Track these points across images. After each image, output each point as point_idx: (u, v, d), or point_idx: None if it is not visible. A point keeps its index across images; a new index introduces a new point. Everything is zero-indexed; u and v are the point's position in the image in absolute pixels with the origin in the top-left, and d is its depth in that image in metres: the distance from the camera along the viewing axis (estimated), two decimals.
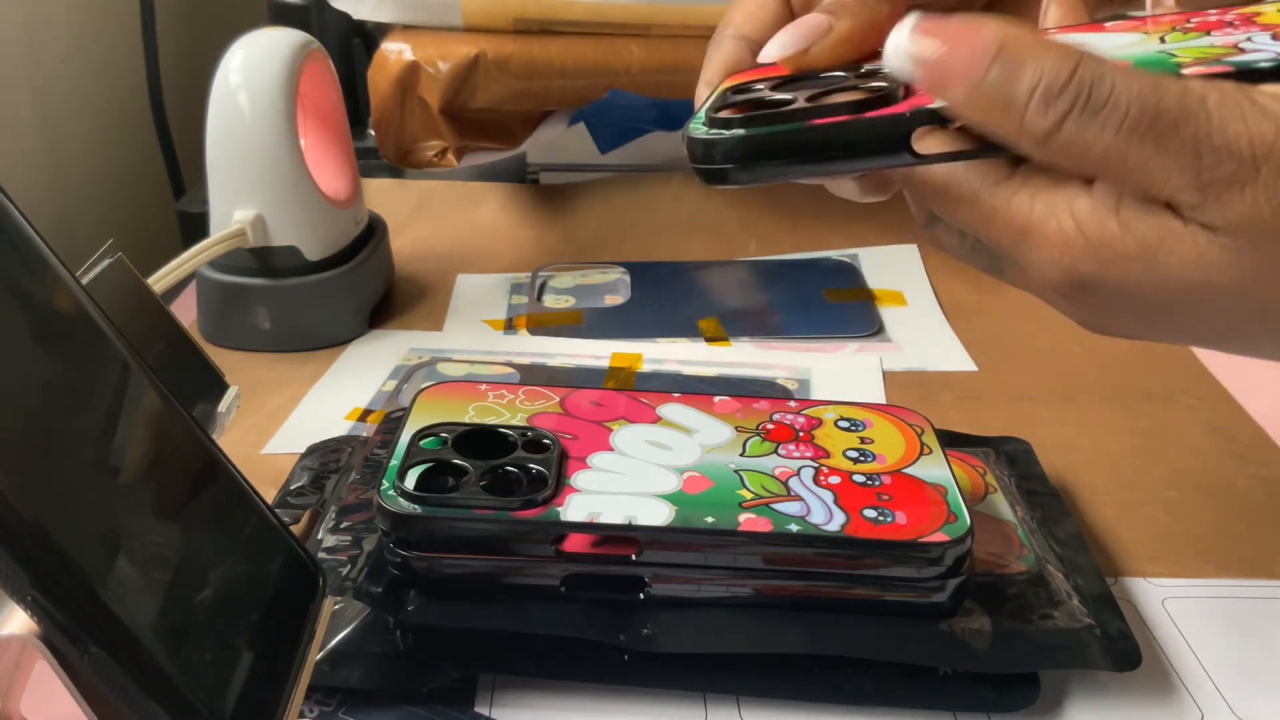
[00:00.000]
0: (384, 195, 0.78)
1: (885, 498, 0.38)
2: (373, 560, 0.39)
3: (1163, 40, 0.35)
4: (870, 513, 0.38)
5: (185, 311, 0.63)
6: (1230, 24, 0.35)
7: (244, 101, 0.57)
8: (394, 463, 0.39)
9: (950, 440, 0.45)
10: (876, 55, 0.31)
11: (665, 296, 0.67)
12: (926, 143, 0.29)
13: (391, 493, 0.38)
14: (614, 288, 0.68)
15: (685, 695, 0.38)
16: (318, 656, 0.34)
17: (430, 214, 0.78)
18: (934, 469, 0.40)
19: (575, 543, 0.37)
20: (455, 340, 0.62)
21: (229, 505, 0.30)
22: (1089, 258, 0.29)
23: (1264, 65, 0.30)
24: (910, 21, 0.28)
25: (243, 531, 0.30)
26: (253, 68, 0.58)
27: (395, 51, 0.69)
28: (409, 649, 0.37)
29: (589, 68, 0.70)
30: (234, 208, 0.58)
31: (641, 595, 0.38)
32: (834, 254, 0.72)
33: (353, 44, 0.85)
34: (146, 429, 0.28)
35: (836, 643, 0.37)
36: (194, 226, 0.69)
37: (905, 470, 0.40)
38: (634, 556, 0.37)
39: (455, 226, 0.77)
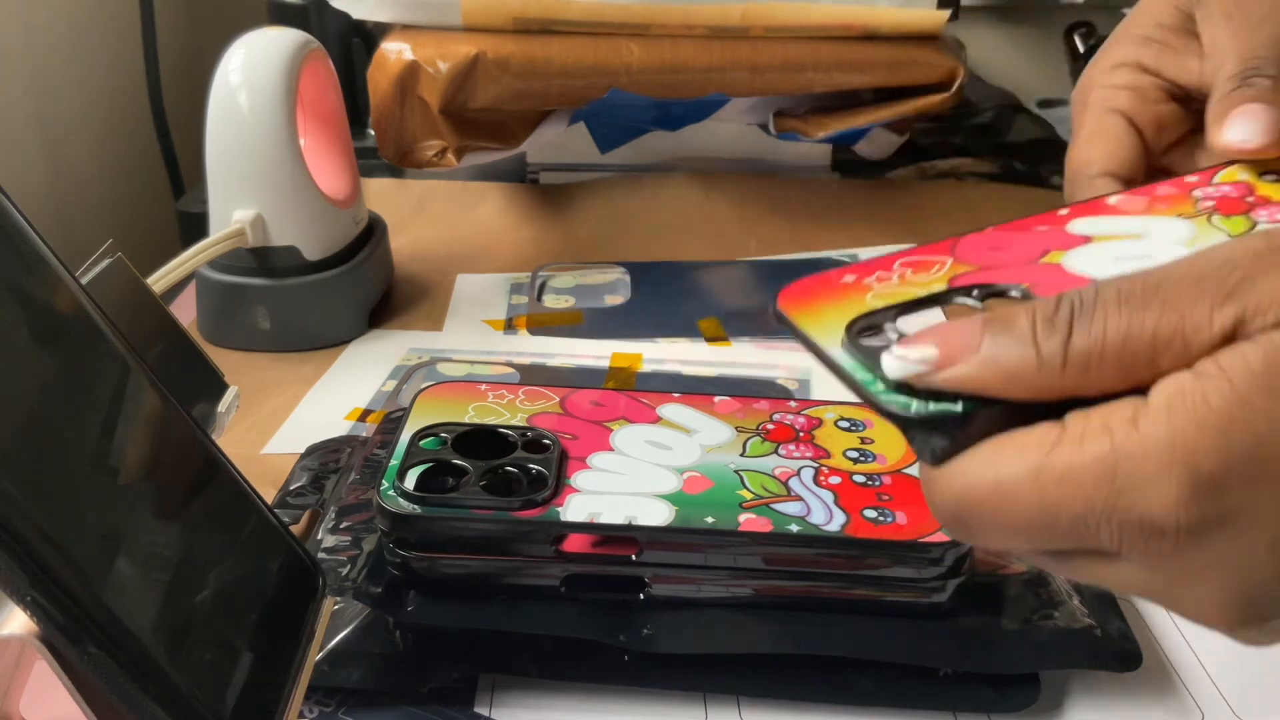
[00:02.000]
0: (384, 195, 0.78)
1: (885, 498, 0.38)
2: (372, 560, 0.39)
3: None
4: (870, 513, 0.38)
5: (185, 311, 0.62)
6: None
7: (244, 101, 0.57)
8: (394, 463, 0.39)
9: None
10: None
11: (665, 296, 0.67)
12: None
13: (391, 493, 0.37)
14: (614, 288, 0.68)
15: (685, 695, 0.38)
16: (318, 656, 0.34)
17: (430, 214, 0.78)
18: None
19: (575, 543, 0.37)
20: (455, 340, 0.62)
21: (229, 505, 0.30)
22: (1204, 436, 0.23)
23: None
24: (892, 341, 0.27)
25: (242, 532, 0.30)
26: (253, 68, 0.58)
27: (395, 51, 0.69)
28: (409, 649, 0.37)
29: (589, 68, 0.70)
30: (234, 208, 0.58)
31: (641, 595, 0.38)
32: (834, 254, 0.72)
33: (353, 44, 0.85)
34: (146, 429, 0.28)
35: (837, 643, 0.37)
36: (194, 226, 0.69)
37: (905, 470, 0.40)
38: (634, 557, 0.37)
39: (455, 226, 0.77)
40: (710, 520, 0.37)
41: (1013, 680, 0.37)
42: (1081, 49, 1.27)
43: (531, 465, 0.39)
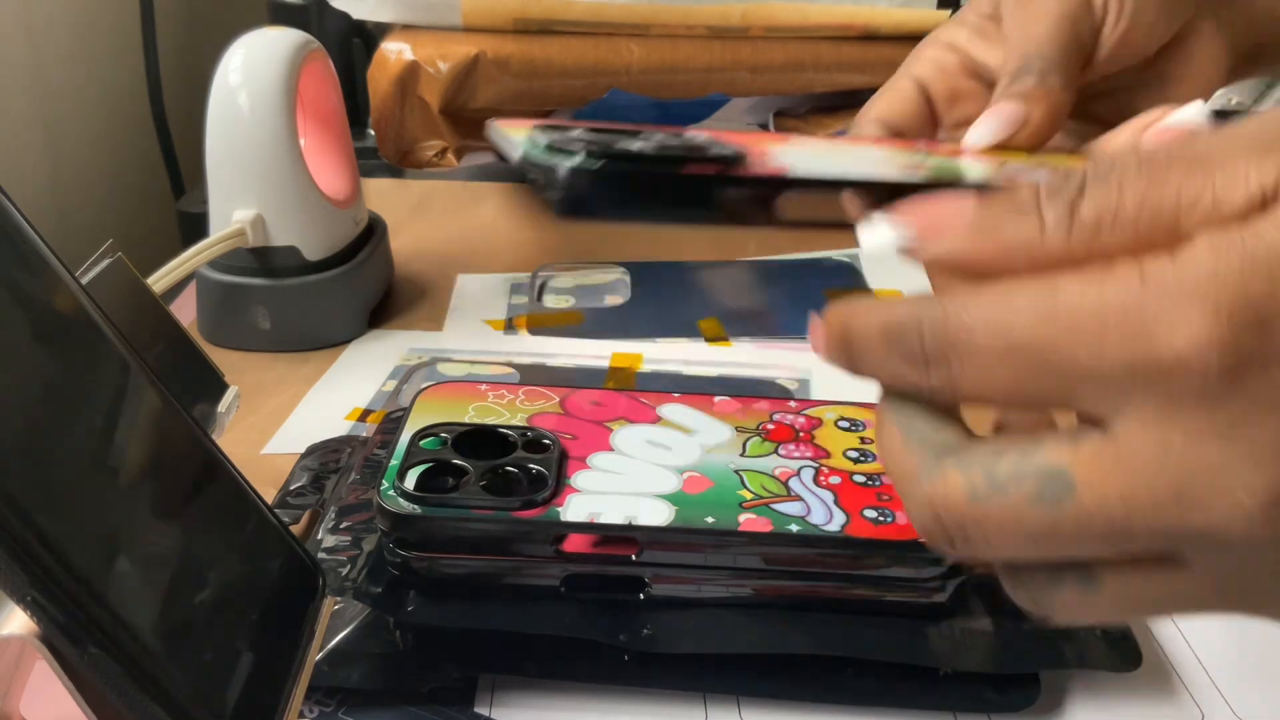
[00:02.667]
0: (384, 195, 0.78)
1: (886, 498, 0.38)
2: (372, 560, 0.39)
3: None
4: (870, 513, 0.38)
5: (185, 311, 0.62)
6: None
7: (244, 101, 0.57)
8: (394, 463, 0.39)
9: None
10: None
11: (665, 296, 0.67)
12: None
13: (391, 493, 0.37)
14: (614, 288, 0.68)
15: (685, 695, 0.38)
16: (318, 656, 0.34)
17: (430, 214, 0.78)
18: None
19: (575, 543, 0.37)
20: (455, 340, 0.62)
21: (229, 505, 0.30)
22: (1253, 273, 0.20)
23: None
24: (877, 216, 0.25)
25: (243, 531, 0.30)
26: (253, 68, 0.58)
27: (395, 51, 0.69)
28: (409, 649, 0.37)
29: (589, 68, 0.70)
30: (234, 208, 0.58)
31: (641, 595, 0.38)
32: (834, 254, 0.72)
33: (353, 44, 0.85)
34: (146, 429, 0.28)
35: (836, 643, 0.37)
36: (194, 226, 0.69)
37: None
38: (634, 557, 0.37)
39: (455, 226, 0.77)
40: (710, 520, 0.37)
41: (1013, 680, 0.37)
42: None
43: (531, 465, 0.39)
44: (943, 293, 0.23)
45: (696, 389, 0.56)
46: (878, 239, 0.25)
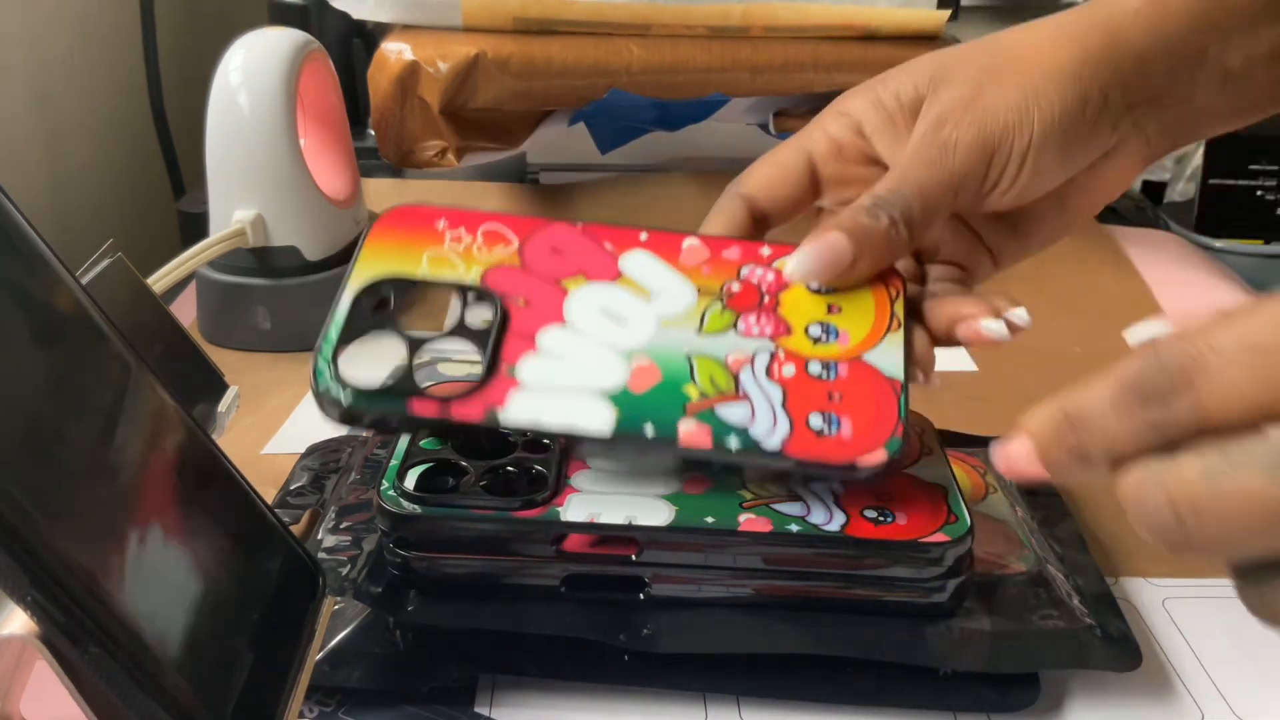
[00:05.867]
0: (384, 195, 0.78)
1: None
2: (373, 560, 0.39)
3: (701, 323, 0.37)
4: (870, 513, 0.38)
5: (185, 311, 0.63)
6: (762, 307, 0.38)
7: (244, 101, 0.57)
8: (394, 463, 0.39)
9: (950, 440, 0.45)
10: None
11: None
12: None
13: (391, 493, 0.37)
14: None
15: (685, 695, 0.38)
16: (318, 656, 0.34)
17: None
18: (934, 469, 0.40)
19: (575, 543, 0.37)
20: None
21: (229, 505, 0.30)
22: None
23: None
24: (1144, 323, 0.28)
25: (243, 532, 0.30)
26: (253, 68, 0.58)
27: (395, 51, 0.69)
28: (409, 649, 0.37)
29: (589, 68, 0.70)
30: (234, 208, 0.58)
31: (641, 595, 0.38)
32: None
33: (353, 44, 0.85)
34: (147, 429, 0.28)
35: (837, 643, 0.37)
36: (194, 226, 0.69)
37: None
38: (634, 557, 0.37)
39: None
40: (710, 520, 0.37)
41: (1013, 680, 0.37)
42: None
43: (532, 464, 0.39)
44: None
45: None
46: (1146, 333, 0.27)
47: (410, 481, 0.38)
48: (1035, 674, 0.38)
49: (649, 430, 0.35)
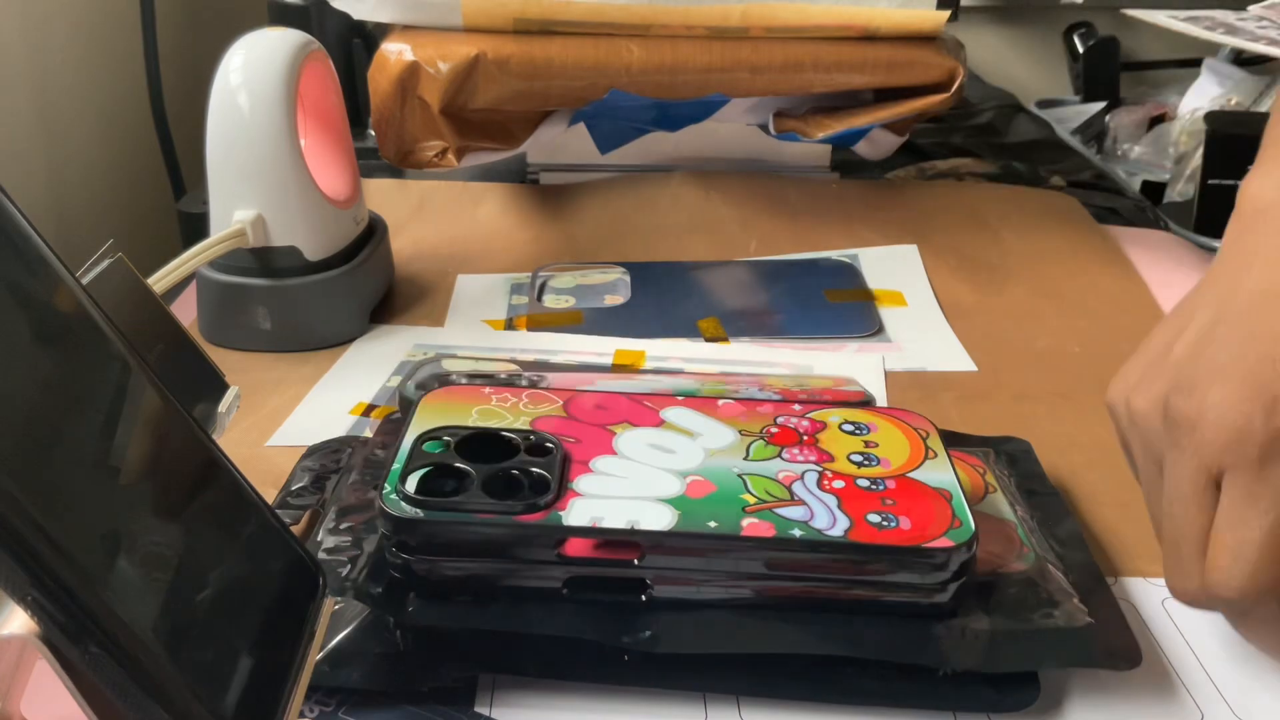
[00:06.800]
0: (384, 195, 0.78)
1: (889, 502, 0.38)
2: (373, 561, 0.39)
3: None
4: (874, 518, 0.38)
5: (185, 311, 0.63)
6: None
7: (244, 101, 0.57)
8: (396, 466, 0.39)
9: (950, 440, 0.45)
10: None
11: (665, 296, 0.67)
12: None
13: (394, 497, 0.37)
14: (614, 288, 0.68)
15: (685, 695, 0.38)
16: (318, 656, 0.34)
17: (430, 214, 0.78)
18: (938, 473, 0.40)
19: (577, 547, 0.37)
20: (458, 337, 0.63)
21: (229, 505, 0.30)
22: None
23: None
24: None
25: (243, 531, 0.30)
26: (253, 68, 0.58)
27: (395, 51, 0.69)
28: (409, 649, 0.37)
29: (589, 68, 0.70)
30: (234, 208, 0.58)
31: (643, 598, 0.38)
32: (834, 254, 0.72)
33: (353, 44, 0.85)
34: (146, 429, 0.28)
35: (837, 643, 0.37)
36: (194, 226, 0.69)
37: (910, 475, 0.40)
38: (636, 561, 0.37)
39: (455, 226, 0.77)
40: (713, 525, 0.37)
41: (1013, 680, 0.37)
42: (1081, 49, 1.27)
43: (534, 469, 0.39)
44: None
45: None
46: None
47: (412, 485, 0.38)
48: (1035, 673, 0.38)
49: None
